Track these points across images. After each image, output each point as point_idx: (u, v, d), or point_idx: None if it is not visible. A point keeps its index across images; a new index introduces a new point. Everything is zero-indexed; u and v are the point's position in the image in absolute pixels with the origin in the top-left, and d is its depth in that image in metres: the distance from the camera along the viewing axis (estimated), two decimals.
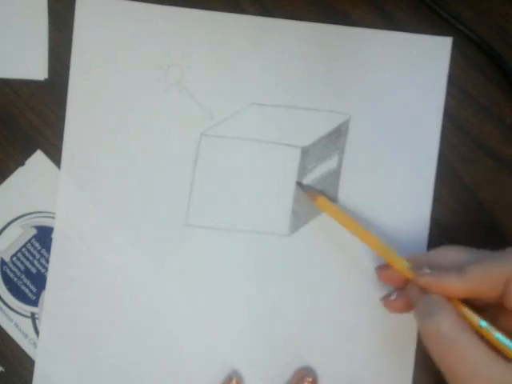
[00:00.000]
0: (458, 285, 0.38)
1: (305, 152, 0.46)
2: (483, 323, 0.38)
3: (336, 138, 0.47)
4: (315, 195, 0.46)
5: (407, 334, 0.46)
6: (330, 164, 0.47)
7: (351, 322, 0.46)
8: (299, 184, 0.47)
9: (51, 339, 0.47)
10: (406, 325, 0.46)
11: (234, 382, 0.46)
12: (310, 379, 0.45)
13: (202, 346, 0.47)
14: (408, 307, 0.42)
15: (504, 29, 0.48)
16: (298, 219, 0.47)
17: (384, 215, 0.47)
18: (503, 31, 0.48)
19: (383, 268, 0.44)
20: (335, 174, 0.47)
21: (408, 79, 0.47)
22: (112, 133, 0.47)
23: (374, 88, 0.47)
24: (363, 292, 0.46)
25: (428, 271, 0.40)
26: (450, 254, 0.41)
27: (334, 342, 0.46)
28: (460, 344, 0.37)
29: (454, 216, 0.47)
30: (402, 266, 0.42)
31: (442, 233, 0.46)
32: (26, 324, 0.47)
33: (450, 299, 0.39)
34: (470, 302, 0.40)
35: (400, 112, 0.47)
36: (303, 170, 0.47)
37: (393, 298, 0.43)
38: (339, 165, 0.47)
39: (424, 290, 0.40)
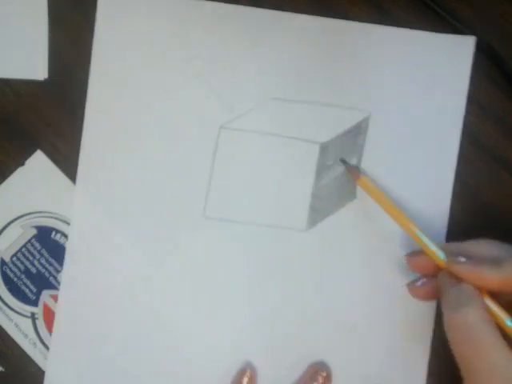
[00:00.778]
0: (493, 276, 0.39)
1: (324, 148, 0.46)
2: (509, 322, 0.39)
3: (356, 134, 0.47)
4: (358, 174, 0.46)
5: (422, 333, 0.46)
6: (349, 161, 0.47)
7: (367, 317, 0.46)
8: (343, 161, 0.46)
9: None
10: (422, 324, 0.46)
11: (247, 373, 0.46)
12: (324, 374, 0.45)
13: (216, 339, 0.47)
14: (431, 295, 0.43)
15: (504, 29, 0.48)
16: (316, 215, 0.47)
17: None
18: (503, 31, 0.48)
19: (414, 254, 0.44)
20: None
21: (430, 78, 0.47)
22: (131, 124, 0.47)
23: (395, 86, 0.47)
24: (380, 288, 0.46)
25: (464, 259, 0.40)
26: (485, 246, 0.41)
27: (349, 338, 0.46)
28: (484, 339, 0.37)
29: (455, 216, 0.47)
30: (436, 252, 0.42)
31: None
32: (26, 324, 0.47)
33: (480, 291, 0.39)
34: (496, 297, 0.40)
35: (421, 110, 0.47)
36: (322, 166, 0.46)
37: (419, 283, 0.43)
38: (358, 162, 0.47)
39: (455, 280, 0.40)
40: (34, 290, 0.47)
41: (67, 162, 0.48)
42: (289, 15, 0.47)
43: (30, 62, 0.48)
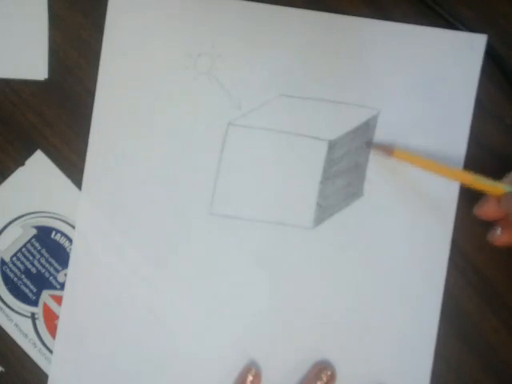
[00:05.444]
0: None
1: (332, 145, 0.46)
2: None
3: (364, 132, 0.47)
4: (390, 150, 0.46)
5: (426, 334, 0.46)
6: (357, 158, 0.47)
7: (371, 317, 0.46)
8: (368, 144, 0.47)
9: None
10: (426, 325, 0.46)
11: (252, 372, 0.46)
12: (329, 373, 0.46)
13: (221, 336, 0.47)
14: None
15: (504, 29, 0.48)
16: (323, 212, 0.47)
17: (408, 212, 0.47)
18: (503, 31, 0.48)
19: (480, 205, 0.44)
20: (361, 169, 0.47)
21: (440, 76, 0.47)
22: (139, 119, 0.48)
23: (404, 83, 0.47)
24: (385, 288, 0.46)
25: None
26: None
27: (353, 338, 0.46)
28: None
29: (456, 218, 0.47)
30: (502, 187, 0.43)
31: None
32: (26, 324, 0.47)
33: None
34: None
35: (430, 108, 0.47)
36: (329, 163, 0.46)
37: (498, 232, 0.44)
38: (366, 159, 0.47)
39: None
40: (34, 289, 0.47)
41: (67, 162, 0.48)
42: (298, 12, 0.47)
43: (30, 62, 0.48)
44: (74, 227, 0.48)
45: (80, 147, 0.48)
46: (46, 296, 0.47)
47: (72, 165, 0.48)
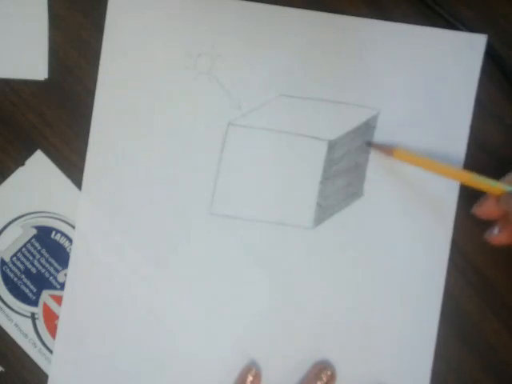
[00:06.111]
0: None
1: (332, 145, 0.46)
2: None
3: (364, 132, 0.47)
4: (390, 150, 0.46)
5: (426, 334, 0.46)
6: (357, 158, 0.47)
7: (371, 317, 0.46)
8: (369, 144, 0.47)
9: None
10: (426, 324, 0.46)
11: (252, 371, 0.46)
12: (329, 372, 0.46)
13: (221, 336, 0.47)
14: (510, 239, 0.44)
15: (504, 29, 0.48)
16: (323, 212, 0.47)
17: (408, 212, 0.47)
18: (503, 31, 0.48)
19: (480, 204, 0.44)
20: (361, 169, 0.47)
21: (440, 76, 0.47)
22: (139, 119, 0.48)
23: (404, 83, 0.47)
24: (385, 288, 0.46)
25: None
26: None
27: (353, 338, 0.46)
28: None
29: (456, 218, 0.47)
30: (501, 187, 0.42)
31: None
32: (26, 324, 0.47)
33: None
34: None
35: (430, 108, 0.47)
36: (329, 163, 0.47)
37: (495, 232, 0.44)
38: (366, 160, 0.47)
39: None
40: (34, 289, 0.47)
41: (67, 162, 0.48)
42: (298, 12, 0.47)
43: (30, 62, 0.48)
44: (74, 227, 0.48)
45: (80, 147, 0.48)
46: (46, 296, 0.48)
47: (72, 165, 0.48)
